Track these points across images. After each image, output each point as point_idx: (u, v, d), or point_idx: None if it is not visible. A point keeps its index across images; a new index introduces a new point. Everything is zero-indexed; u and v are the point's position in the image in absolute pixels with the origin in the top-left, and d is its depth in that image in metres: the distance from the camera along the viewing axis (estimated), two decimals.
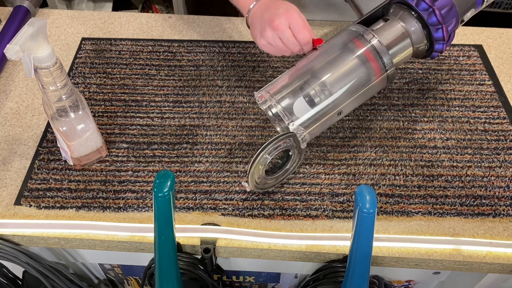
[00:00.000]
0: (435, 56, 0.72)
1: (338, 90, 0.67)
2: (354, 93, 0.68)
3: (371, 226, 0.54)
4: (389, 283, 0.80)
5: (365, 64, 0.68)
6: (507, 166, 0.77)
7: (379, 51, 0.68)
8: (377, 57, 0.68)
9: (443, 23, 0.67)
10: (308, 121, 0.67)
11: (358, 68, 0.68)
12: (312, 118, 0.67)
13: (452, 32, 0.70)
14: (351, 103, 0.69)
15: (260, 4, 0.72)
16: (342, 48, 0.70)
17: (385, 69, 0.69)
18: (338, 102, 0.68)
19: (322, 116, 0.68)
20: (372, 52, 0.68)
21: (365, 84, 0.69)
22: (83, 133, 0.71)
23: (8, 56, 0.56)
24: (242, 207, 0.72)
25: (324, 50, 0.70)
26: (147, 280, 0.74)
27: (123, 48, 0.96)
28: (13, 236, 0.70)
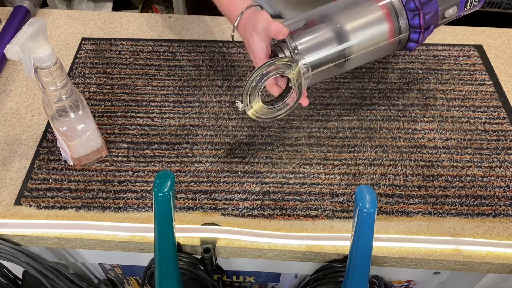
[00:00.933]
0: (411, 47, 0.72)
1: (351, 40, 0.67)
2: (365, 48, 0.68)
3: (371, 226, 0.54)
4: (389, 283, 0.80)
5: (382, 22, 0.68)
6: (507, 166, 0.77)
7: (398, 13, 0.68)
8: (395, 19, 0.68)
9: (421, 9, 0.67)
10: (316, 61, 0.66)
11: (375, 24, 0.68)
12: (321, 60, 0.66)
13: (430, 24, 0.69)
14: (360, 56, 0.69)
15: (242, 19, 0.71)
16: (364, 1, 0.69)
17: (400, 32, 0.69)
18: (348, 51, 0.67)
19: (330, 61, 0.67)
20: (391, 12, 0.68)
21: (378, 42, 0.69)
22: (83, 133, 0.71)
23: (8, 56, 0.56)
24: (242, 207, 0.72)
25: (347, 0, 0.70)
26: (147, 280, 0.74)
27: (123, 48, 0.96)
28: (13, 236, 0.70)
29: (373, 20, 0.68)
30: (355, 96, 0.87)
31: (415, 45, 0.70)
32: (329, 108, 0.85)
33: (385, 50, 0.71)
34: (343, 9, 0.69)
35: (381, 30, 0.68)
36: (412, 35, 0.70)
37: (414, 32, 0.70)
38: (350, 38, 0.67)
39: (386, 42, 0.69)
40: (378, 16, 0.68)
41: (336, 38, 0.67)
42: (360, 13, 0.68)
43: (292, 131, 0.81)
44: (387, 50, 0.72)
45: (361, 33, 0.68)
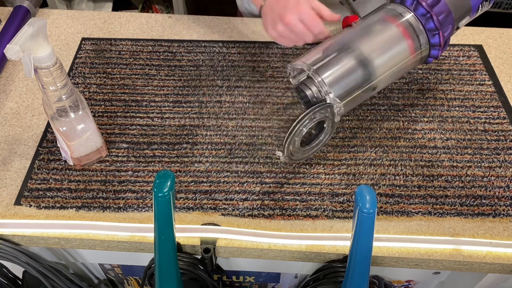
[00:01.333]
0: (429, 61, 0.74)
1: (375, 64, 0.68)
2: (389, 69, 0.69)
3: (371, 226, 0.54)
4: (389, 283, 0.80)
5: (402, 41, 0.69)
6: (507, 166, 0.77)
7: (416, 30, 0.69)
8: (414, 36, 0.69)
9: (440, 29, 0.68)
10: (344, 93, 0.67)
11: (395, 43, 0.69)
12: (348, 90, 0.67)
13: (448, 38, 0.70)
14: (386, 78, 0.70)
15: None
16: (380, 24, 0.70)
17: (420, 48, 0.70)
18: (373, 76, 0.68)
19: (357, 89, 0.68)
20: (409, 30, 0.69)
21: (400, 61, 0.70)
22: (83, 133, 0.71)
23: (8, 56, 0.56)
24: (242, 207, 0.72)
25: (363, 25, 0.71)
26: (147, 280, 0.74)
27: (123, 48, 0.96)
28: (13, 236, 0.70)
29: (394, 42, 0.69)
30: None
31: (439, 51, 0.71)
32: None
33: (409, 67, 0.72)
34: (362, 35, 0.69)
35: (403, 50, 0.69)
36: (432, 52, 0.71)
37: (434, 49, 0.71)
38: (375, 65, 0.68)
39: (409, 60, 0.71)
40: (397, 36, 0.69)
41: (361, 67, 0.68)
42: (380, 38, 0.69)
43: None
44: (411, 67, 0.73)
45: (384, 58, 0.69)
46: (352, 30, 0.71)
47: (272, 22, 0.72)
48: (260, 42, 0.96)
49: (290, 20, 0.69)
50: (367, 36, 0.69)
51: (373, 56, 0.68)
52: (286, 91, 0.87)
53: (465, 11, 0.72)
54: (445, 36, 0.70)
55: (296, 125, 0.65)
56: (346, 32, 0.71)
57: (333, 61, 0.68)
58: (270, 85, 0.89)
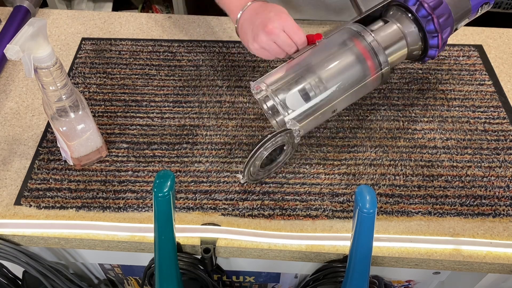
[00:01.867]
0: (426, 60, 0.74)
1: (333, 86, 0.69)
2: (348, 90, 0.70)
3: (371, 226, 0.54)
4: (389, 283, 0.80)
5: (361, 62, 0.70)
6: (507, 166, 0.77)
7: (376, 50, 0.69)
8: (373, 56, 0.69)
9: (440, 32, 0.69)
10: (302, 114, 0.68)
11: (354, 65, 0.70)
12: (306, 112, 0.68)
13: (446, 39, 0.71)
14: (345, 99, 0.71)
15: (248, 10, 0.72)
16: (340, 45, 0.71)
17: (380, 68, 0.70)
18: (332, 97, 0.69)
19: (316, 110, 0.69)
20: (369, 51, 0.69)
21: (360, 81, 0.70)
22: (83, 133, 0.71)
23: (8, 56, 0.56)
24: (242, 207, 0.72)
25: (322, 46, 0.71)
26: (147, 280, 0.74)
27: (123, 48, 0.96)
28: (13, 236, 0.70)
29: (353, 63, 0.70)
30: None
31: (436, 51, 0.71)
32: None
33: (370, 86, 0.73)
34: (322, 57, 0.70)
35: (362, 71, 0.70)
36: (430, 52, 0.71)
37: (431, 50, 0.71)
38: (334, 88, 0.69)
39: (368, 80, 0.71)
40: (356, 57, 0.69)
41: (319, 90, 0.68)
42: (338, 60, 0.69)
43: None
44: (372, 86, 0.73)
45: (343, 81, 0.69)
46: (314, 51, 0.71)
47: (253, 34, 0.70)
48: None
49: (272, 28, 0.67)
50: (326, 58, 0.69)
51: (332, 79, 0.69)
52: None
53: (464, 13, 0.73)
54: (444, 38, 0.70)
55: (258, 149, 0.67)
56: (308, 53, 0.71)
57: (291, 83, 0.68)
58: None
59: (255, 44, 0.70)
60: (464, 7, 0.72)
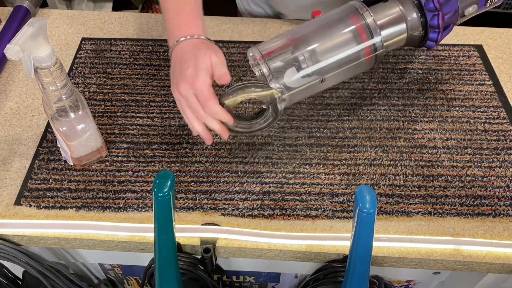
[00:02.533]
0: (430, 45, 0.71)
1: (325, 59, 0.67)
2: (340, 66, 0.68)
3: (371, 226, 0.54)
4: (389, 283, 0.80)
5: (356, 40, 0.68)
6: (507, 166, 0.77)
7: (372, 30, 0.67)
8: (369, 36, 0.68)
9: (440, 10, 0.67)
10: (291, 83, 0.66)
11: (348, 41, 0.68)
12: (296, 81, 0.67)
13: (450, 23, 0.69)
14: (336, 75, 0.69)
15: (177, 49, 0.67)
16: (336, 20, 0.69)
17: (375, 49, 0.68)
18: (323, 70, 0.67)
19: (305, 81, 0.67)
20: (365, 30, 0.67)
21: (352, 59, 0.68)
22: (83, 133, 0.71)
23: (8, 56, 0.56)
24: (242, 207, 0.72)
25: (319, 20, 0.70)
26: (147, 280, 0.74)
27: (123, 48, 0.96)
28: (13, 236, 0.70)
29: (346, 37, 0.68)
30: (355, 96, 0.87)
31: (434, 44, 0.70)
32: (329, 108, 0.85)
33: (361, 67, 0.71)
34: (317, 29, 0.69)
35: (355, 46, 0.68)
36: (431, 35, 0.70)
37: (433, 32, 0.69)
38: (323, 58, 0.67)
39: (362, 59, 0.69)
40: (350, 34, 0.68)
41: (309, 59, 0.67)
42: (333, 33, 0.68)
43: (292, 131, 0.81)
44: (364, 67, 0.71)
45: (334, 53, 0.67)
46: (309, 22, 0.70)
47: (172, 82, 0.67)
48: (260, 42, 0.96)
49: (184, 91, 0.63)
50: (321, 31, 0.68)
51: (324, 52, 0.67)
52: None
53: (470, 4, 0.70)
54: (445, 20, 0.68)
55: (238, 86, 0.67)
56: (304, 24, 0.70)
57: (283, 50, 0.67)
58: None
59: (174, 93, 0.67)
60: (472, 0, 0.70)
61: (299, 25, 0.71)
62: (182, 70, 0.65)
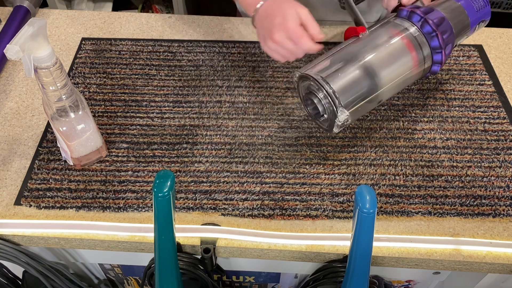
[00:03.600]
0: (435, 70, 0.75)
1: (381, 76, 0.70)
2: (394, 81, 0.71)
3: (371, 226, 0.54)
4: (389, 283, 0.80)
5: (407, 54, 0.71)
6: (507, 166, 0.77)
7: (420, 43, 0.71)
8: (418, 49, 0.71)
9: (443, 48, 0.70)
10: (350, 103, 0.68)
11: (401, 57, 0.71)
12: (355, 101, 0.68)
13: (448, 43, 0.72)
14: (390, 90, 0.72)
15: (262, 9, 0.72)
16: (387, 37, 0.72)
17: (424, 60, 0.72)
18: (379, 88, 0.70)
19: (363, 100, 0.69)
20: (414, 44, 0.71)
21: (404, 72, 0.71)
22: (83, 133, 0.71)
23: (8, 56, 0.56)
24: (242, 207, 0.72)
25: (370, 38, 0.72)
26: (147, 280, 0.74)
27: (123, 48, 0.96)
28: (13, 236, 0.70)
29: (399, 55, 0.71)
30: None
31: (439, 67, 0.73)
32: None
33: (412, 79, 0.74)
34: (370, 48, 0.71)
35: (407, 62, 0.71)
36: (433, 68, 0.73)
37: (435, 65, 0.73)
38: (381, 77, 0.69)
39: (412, 72, 0.72)
40: (402, 50, 0.71)
41: (368, 79, 0.69)
42: (387, 51, 0.70)
43: (292, 131, 0.81)
44: (413, 79, 0.75)
45: (390, 71, 0.70)
46: (361, 41, 0.72)
47: (262, 38, 0.72)
48: None
49: (277, 38, 0.69)
50: (375, 48, 0.71)
51: (382, 68, 0.70)
52: (286, 91, 0.88)
53: (463, 28, 0.74)
54: (447, 54, 0.72)
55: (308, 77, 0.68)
56: (354, 43, 0.72)
57: (344, 71, 0.68)
58: (270, 85, 0.89)
59: (265, 47, 0.73)
60: (463, 23, 0.74)
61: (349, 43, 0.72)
62: (271, 23, 0.70)
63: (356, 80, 0.68)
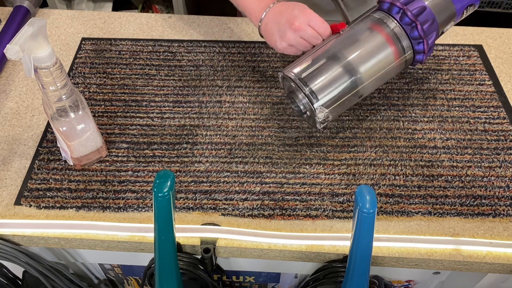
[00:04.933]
0: (420, 59, 0.75)
1: (362, 71, 0.70)
2: (374, 75, 0.72)
3: (371, 226, 0.54)
4: (389, 283, 0.80)
5: (387, 48, 0.71)
6: (507, 166, 0.77)
7: (399, 36, 0.71)
8: (397, 42, 0.71)
9: (425, 37, 0.70)
10: (331, 101, 0.69)
11: (380, 51, 0.71)
12: (335, 98, 0.69)
13: (432, 44, 0.73)
14: (371, 84, 0.72)
15: (272, 11, 0.74)
16: (366, 32, 0.72)
17: (404, 53, 0.72)
18: (360, 83, 0.70)
19: (345, 96, 0.70)
20: (393, 38, 0.71)
21: (385, 67, 0.72)
22: (83, 133, 0.71)
23: (8, 56, 0.56)
24: (242, 207, 0.72)
25: (349, 34, 0.73)
26: (147, 280, 0.74)
27: (123, 48, 0.96)
28: (13, 236, 0.70)
29: (379, 49, 0.71)
30: None
31: (423, 56, 0.72)
32: None
33: (393, 72, 0.74)
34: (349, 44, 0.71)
35: (387, 56, 0.71)
36: (417, 57, 0.73)
37: (418, 55, 0.72)
38: (362, 72, 0.70)
39: (393, 66, 0.72)
40: (382, 44, 0.71)
41: (348, 75, 0.70)
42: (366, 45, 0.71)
43: (292, 131, 0.81)
44: (395, 72, 0.75)
45: (370, 65, 0.70)
46: (340, 38, 0.73)
47: (280, 33, 0.73)
48: (260, 42, 0.96)
49: (300, 25, 0.71)
50: (354, 44, 0.71)
51: (360, 64, 0.70)
52: None
53: (449, 17, 0.74)
54: (430, 43, 0.72)
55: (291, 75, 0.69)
56: (334, 40, 0.73)
57: (321, 69, 0.69)
58: (270, 85, 0.89)
59: (283, 43, 0.73)
60: (448, 11, 0.73)
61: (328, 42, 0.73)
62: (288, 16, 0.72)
63: (334, 77, 0.69)
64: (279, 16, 0.73)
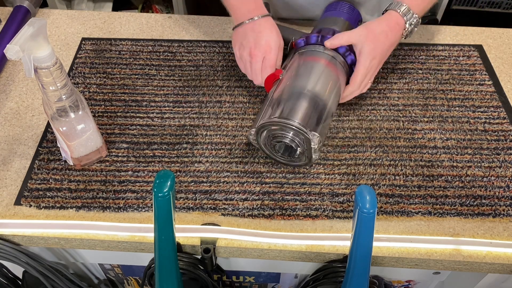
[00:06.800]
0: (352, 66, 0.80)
1: (326, 95, 0.75)
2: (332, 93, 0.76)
3: (371, 226, 0.54)
4: (389, 283, 0.80)
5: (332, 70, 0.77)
6: (507, 166, 0.77)
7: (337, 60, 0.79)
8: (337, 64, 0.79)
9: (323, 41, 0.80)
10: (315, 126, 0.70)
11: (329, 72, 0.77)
12: (317, 124, 0.71)
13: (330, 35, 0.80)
14: (334, 101, 0.76)
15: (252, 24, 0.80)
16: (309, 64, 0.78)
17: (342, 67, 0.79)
18: (326, 104, 0.74)
19: (322, 119, 0.72)
20: (331, 61, 0.78)
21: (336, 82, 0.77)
22: (83, 133, 0.71)
23: (8, 56, 0.56)
24: (242, 207, 0.72)
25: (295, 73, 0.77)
26: (147, 280, 0.74)
27: (123, 48, 0.96)
28: (13, 236, 0.70)
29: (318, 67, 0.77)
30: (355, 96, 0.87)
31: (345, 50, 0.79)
32: None
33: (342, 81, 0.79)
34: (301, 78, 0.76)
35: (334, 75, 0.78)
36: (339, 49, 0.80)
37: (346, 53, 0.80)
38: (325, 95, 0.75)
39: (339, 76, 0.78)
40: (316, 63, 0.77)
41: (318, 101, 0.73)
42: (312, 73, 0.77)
43: None
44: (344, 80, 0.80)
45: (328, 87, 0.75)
46: (287, 78, 0.76)
47: (241, 45, 0.80)
48: None
49: (256, 54, 0.77)
50: (305, 75, 0.76)
51: (316, 87, 0.74)
52: None
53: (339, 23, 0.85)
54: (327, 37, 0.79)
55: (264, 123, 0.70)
56: (283, 82, 0.76)
57: (289, 105, 0.71)
58: None
59: (238, 53, 0.82)
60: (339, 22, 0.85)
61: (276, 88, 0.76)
62: (254, 39, 0.78)
63: (307, 106, 0.71)
64: (251, 31, 0.79)
